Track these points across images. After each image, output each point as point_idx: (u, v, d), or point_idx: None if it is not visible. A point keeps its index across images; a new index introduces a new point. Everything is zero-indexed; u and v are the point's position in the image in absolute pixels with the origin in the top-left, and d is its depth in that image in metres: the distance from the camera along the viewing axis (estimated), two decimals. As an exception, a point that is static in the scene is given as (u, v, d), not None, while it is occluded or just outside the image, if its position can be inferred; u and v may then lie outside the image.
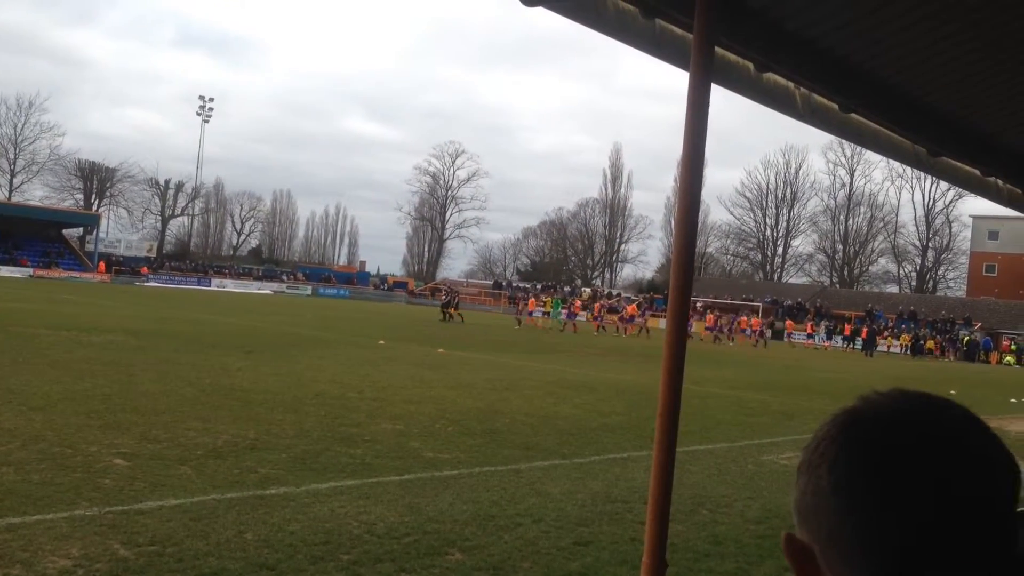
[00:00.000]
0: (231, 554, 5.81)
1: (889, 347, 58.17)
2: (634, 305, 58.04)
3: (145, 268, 78.62)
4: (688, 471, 9.66)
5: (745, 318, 57.72)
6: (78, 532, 6.00)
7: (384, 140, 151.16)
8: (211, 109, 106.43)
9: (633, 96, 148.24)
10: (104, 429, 9.52)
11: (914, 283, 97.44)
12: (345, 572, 5.67)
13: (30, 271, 70.29)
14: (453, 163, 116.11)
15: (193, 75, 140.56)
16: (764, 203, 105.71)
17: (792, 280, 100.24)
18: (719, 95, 3.12)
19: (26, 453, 8.11)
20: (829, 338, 60.98)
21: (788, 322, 63.92)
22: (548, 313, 50.41)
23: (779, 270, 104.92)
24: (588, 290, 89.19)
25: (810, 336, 59.22)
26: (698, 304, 66.94)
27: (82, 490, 7.05)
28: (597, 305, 57.76)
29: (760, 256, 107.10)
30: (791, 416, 16.24)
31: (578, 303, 60.10)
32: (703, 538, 7.19)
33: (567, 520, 7.39)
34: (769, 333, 58.10)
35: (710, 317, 55.34)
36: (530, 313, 50.23)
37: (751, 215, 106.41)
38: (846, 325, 61.34)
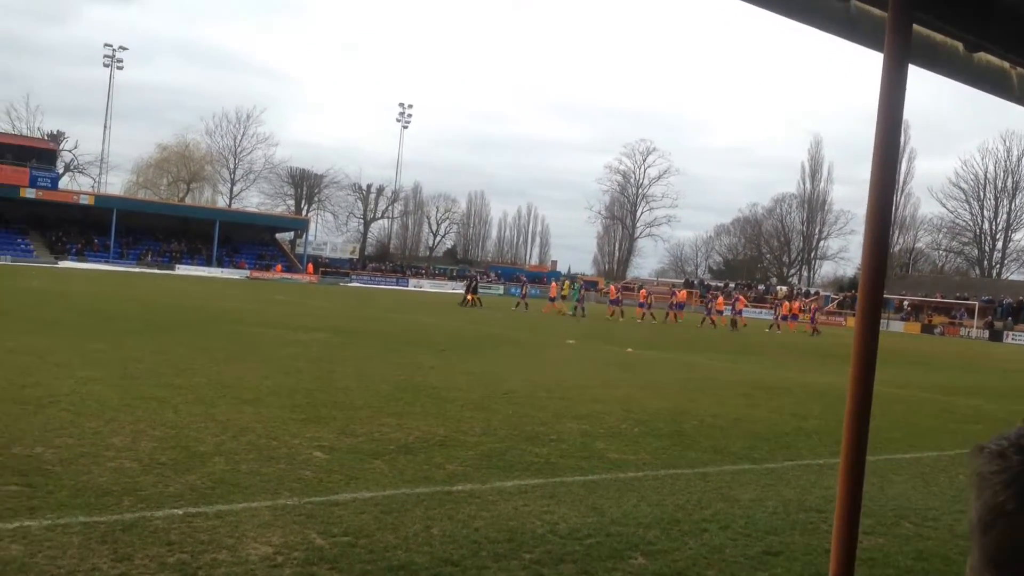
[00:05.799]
0: (418, 548, 5.96)
1: None
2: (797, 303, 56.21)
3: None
4: (891, 480, 9.07)
5: (721, 298, 56.75)
6: (279, 520, 6.33)
7: (567, 139, 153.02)
8: (410, 116, 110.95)
9: (823, 85, 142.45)
10: (306, 423, 10.04)
11: None
12: (527, 571, 5.68)
13: (247, 272, 75.89)
14: (644, 161, 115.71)
15: (383, 84, 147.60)
16: (981, 194, 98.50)
17: (1014, 277, 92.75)
18: (920, 77, 2.86)
19: (236, 444, 8.67)
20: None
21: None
22: (565, 296, 51.12)
23: (998, 266, 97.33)
24: (784, 288, 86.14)
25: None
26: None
27: (284, 480, 7.44)
28: (796, 304, 55.95)
29: (976, 251, 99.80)
30: (1011, 424, 14.83)
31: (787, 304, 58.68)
32: (906, 553, 6.71)
33: (756, 528, 7.10)
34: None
35: (643, 292, 53.91)
36: (551, 299, 50.01)
37: (966, 207, 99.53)
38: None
